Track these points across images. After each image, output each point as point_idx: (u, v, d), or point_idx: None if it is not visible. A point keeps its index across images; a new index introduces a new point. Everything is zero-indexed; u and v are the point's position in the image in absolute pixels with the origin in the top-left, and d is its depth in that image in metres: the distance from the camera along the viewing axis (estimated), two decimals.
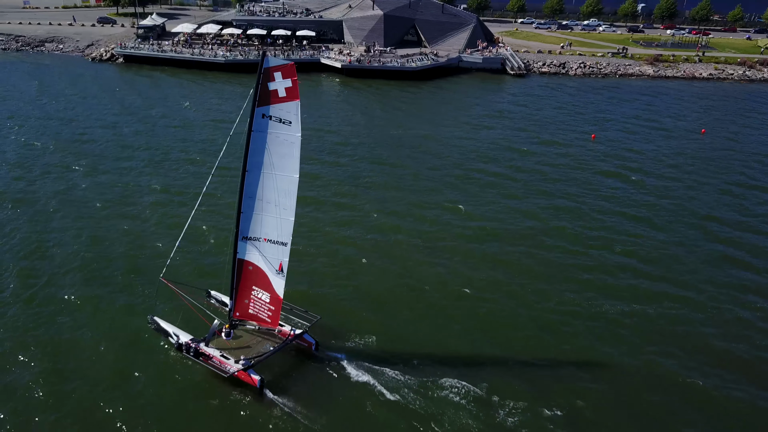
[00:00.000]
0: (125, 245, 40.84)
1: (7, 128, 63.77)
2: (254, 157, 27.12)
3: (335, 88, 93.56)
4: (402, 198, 50.32)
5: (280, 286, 28.66)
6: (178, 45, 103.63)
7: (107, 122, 67.74)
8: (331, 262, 39.76)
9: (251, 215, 28.16)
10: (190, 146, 60.75)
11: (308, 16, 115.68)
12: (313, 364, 30.34)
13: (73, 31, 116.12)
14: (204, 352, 29.29)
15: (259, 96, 26.15)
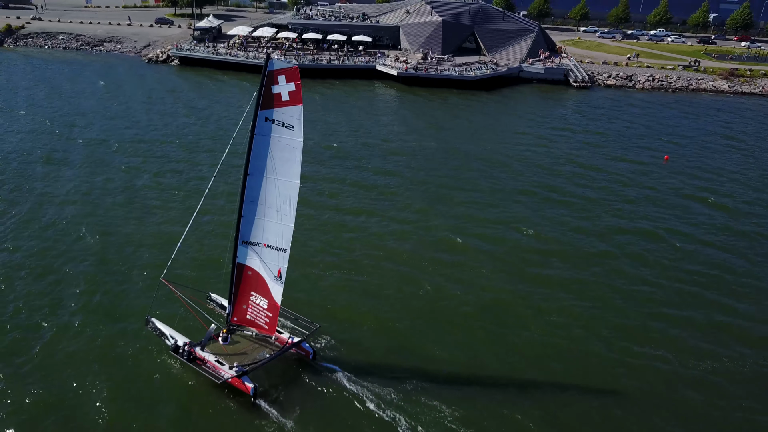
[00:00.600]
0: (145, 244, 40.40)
1: (70, 126, 63.16)
2: (256, 161, 26.78)
3: (390, 97, 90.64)
4: (462, 213, 46.87)
5: (279, 293, 28.23)
6: (233, 48, 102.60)
7: (155, 124, 66.51)
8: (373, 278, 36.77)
9: (252, 220, 27.84)
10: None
11: (365, 21, 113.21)
12: (310, 375, 29.58)
13: (131, 31, 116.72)
14: (199, 356, 28.85)
15: (263, 99, 25.76)
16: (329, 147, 62.25)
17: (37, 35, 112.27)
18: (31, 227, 42.10)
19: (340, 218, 45.84)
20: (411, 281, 37.93)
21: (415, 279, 38.21)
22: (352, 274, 38.28)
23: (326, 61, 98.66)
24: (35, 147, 57.37)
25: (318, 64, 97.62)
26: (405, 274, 38.73)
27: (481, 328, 33.89)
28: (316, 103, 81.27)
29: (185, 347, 28.97)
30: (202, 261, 38.51)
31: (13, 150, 56.36)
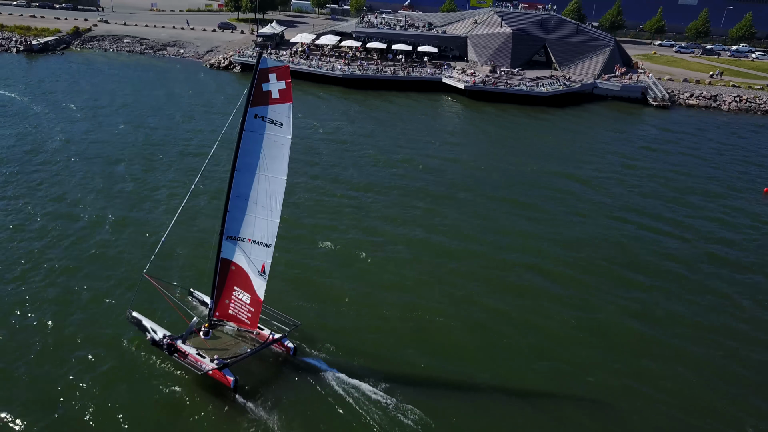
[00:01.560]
0: None
1: (130, 133, 61.49)
2: (244, 158, 27.14)
3: (457, 111, 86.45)
4: (538, 249, 42.31)
5: (262, 288, 28.64)
6: (295, 55, 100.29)
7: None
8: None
9: (237, 215, 28.14)
10: (307, 164, 55.60)
11: (431, 30, 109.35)
12: (290, 370, 29.97)
13: (194, 35, 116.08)
14: (180, 349, 28.93)
15: (253, 96, 26.20)
16: (390, 162, 58.51)
17: (103, 38, 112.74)
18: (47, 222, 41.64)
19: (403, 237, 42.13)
20: None
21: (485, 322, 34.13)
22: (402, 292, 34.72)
23: (391, 71, 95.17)
24: (103, 150, 55.74)
25: (382, 75, 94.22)
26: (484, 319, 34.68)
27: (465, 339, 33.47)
28: (380, 114, 77.79)
29: (165, 340, 28.98)
30: (187, 256, 38.87)
31: (85, 153, 54.81)
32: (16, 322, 31.95)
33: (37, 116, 67.24)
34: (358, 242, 42.83)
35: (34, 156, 54.74)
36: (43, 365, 29.02)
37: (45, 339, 30.72)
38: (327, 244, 42.13)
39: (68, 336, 31.02)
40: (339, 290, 36.86)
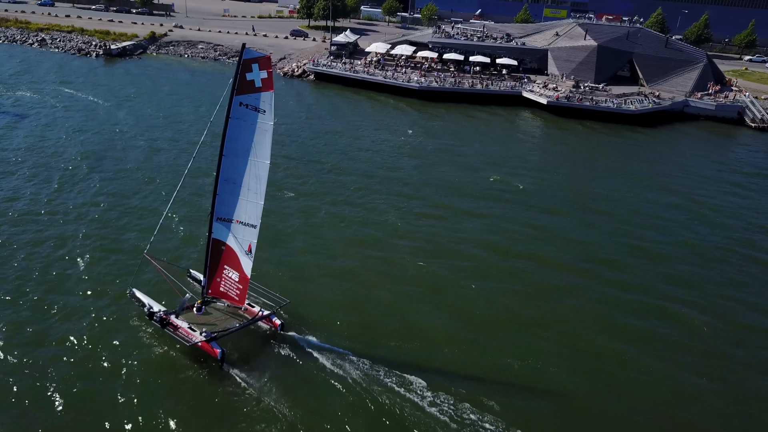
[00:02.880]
0: None
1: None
2: (230, 143, 28.88)
3: (538, 128, 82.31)
4: (646, 287, 38.10)
5: (249, 267, 30.47)
6: (370, 65, 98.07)
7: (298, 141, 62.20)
8: None
9: (225, 198, 29.90)
10: (378, 179, 52.78)
11: (509, 42, 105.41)
12: (277, 345, 31.78)
13: (267, 42, 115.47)
14: (173, 322, 31.00)
15: (238, 85, 27.93)
16: (465, 183, 55.06)
17: (178, 43, 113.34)
18: None
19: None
20: None
21: None
22: None
23: (469, 84, 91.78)
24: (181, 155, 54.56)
25: (460, 87, 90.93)
26: None
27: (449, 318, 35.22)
28: (461, 129, 74.43)
29: (159, 314, 31.27)
30: (184, 237, 41.55)
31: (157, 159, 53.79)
32: (23, 295, 34.36)
33: (119, 122, 66.81)
34: (473, 287, 39.66)
35: (117, 164, 53.83)
36: (44, 337, 31.24)
37: (53, 315, 32.86)
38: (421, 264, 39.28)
39: (74, 310, 33.35)
40: (329, 275, 38.77)
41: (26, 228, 41.71)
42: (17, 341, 30.74)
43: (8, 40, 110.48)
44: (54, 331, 31.56)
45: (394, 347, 32.50)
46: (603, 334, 35.05)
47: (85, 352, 30.34)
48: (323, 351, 31.31)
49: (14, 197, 46.31)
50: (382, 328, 33.93)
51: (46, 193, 47.28)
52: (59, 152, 56.49)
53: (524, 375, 31.38)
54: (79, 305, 33.69)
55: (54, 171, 51.91)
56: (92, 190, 48.43)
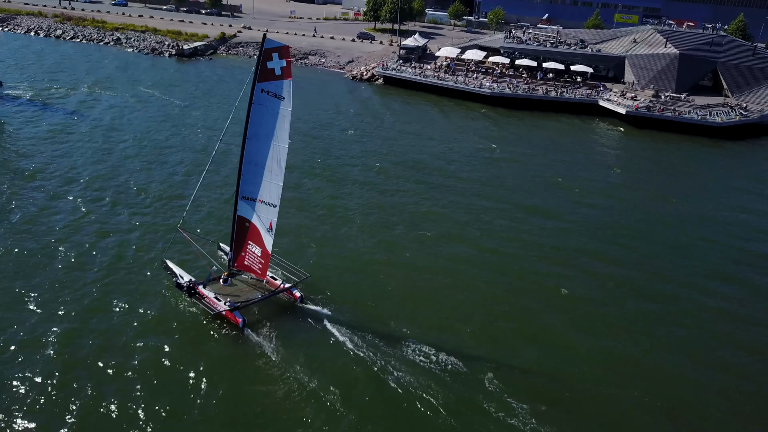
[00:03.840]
0: None
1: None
2: (253, 128, 30.79)
3: (615, 139, 79.01)
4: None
5: (269, 243, 32.50)
6: (440, 70, 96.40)
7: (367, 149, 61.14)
8: None
9: (249, 178, 31.90)
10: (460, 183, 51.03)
11: (584, 48, 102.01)
12: (296, 316, 33.94)
13: (335, 45, 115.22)
14: (200, 292, 33.35)
15: (260, 73, 29.80)
16: (542, 195, 52.69)
17: (246, 44, 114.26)
18: None
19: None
20: None
21: None
22: None
23: (542, 91, 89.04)
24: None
25: (533, 94, 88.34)
26: None
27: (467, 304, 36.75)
28: (536, 137, 72.05)
29: (188, 283, 33.36)
30: (216, 213, 45.22)
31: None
32: (63, 264, 37.29)
33: (194, 123, 67.21)
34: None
35: (195, 167, 53.98)
36: (82, 300, 33.95)
37: (92, 280, 35.81)
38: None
39: (112, 277, 36.30)
40: (353, 253, 41.33)
41: (91, 199, 46.72)
42: (63, 299, 33.94)
43: (86, 39, 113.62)
44: (93, 294, 34.56)
45: (406, 321, 34.23)
46: None
47: (120, 314, 33.03)
48: (338, 322, 33.22)
49: (80, 177, 50.68)
50: (395, 304, 35.92)
51: (106, 176, 51.55)
52: (128, 145, 57.17)
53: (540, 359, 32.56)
54: (117, 273, 36.66)
55: (118, 158, 55.95)
56: (148, 174, 52.43)
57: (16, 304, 33.21)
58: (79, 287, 35.05)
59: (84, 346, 30.59)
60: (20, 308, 32.95)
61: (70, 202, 45.76)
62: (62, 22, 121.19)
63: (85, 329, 31.66)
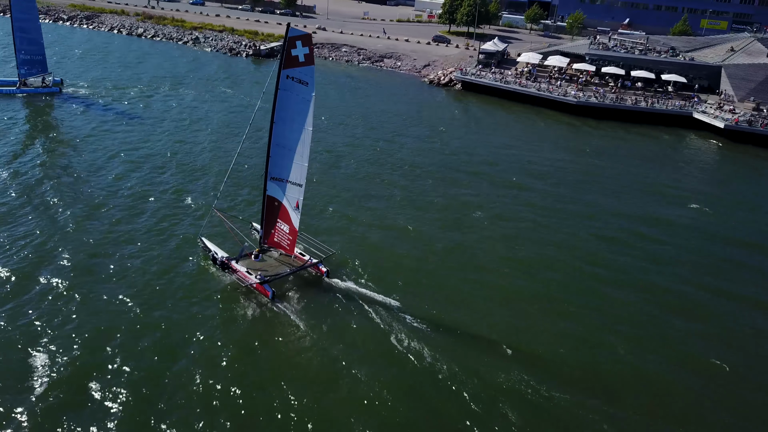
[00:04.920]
0: None
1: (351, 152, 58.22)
2: (280, 112, 32.68)
3: (712, 155, 73.94)
4: None
5: (297, 220, 34.66)
6: (521, 76, 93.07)
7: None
8: None
9: (277, 160, 33.95)
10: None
11: (675, 56, 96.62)
12: (322, 290, 35.63)
13: (410, 48, 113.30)
14: (232, 266, 35.67)
15: (285, 60, 31.53)
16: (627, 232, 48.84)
17: (322, 45, 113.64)
18: None
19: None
20: None
21: None
22: None
23: (631, 101, 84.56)
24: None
25: (621, 104, 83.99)
26: None
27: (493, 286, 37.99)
28: (629, 151, 68.03)
29: (222, 259, 35.98)
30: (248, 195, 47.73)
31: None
32: (113, 241, 39.51)
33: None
34: None
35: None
36: (122, 276, 35.75)
37: (134, 255, 37.97)
38: None
39: (152, 253, 38.30)
40: (375, 230, 43.54)
41: (147, 179, 49.95)
42: (114, 269, 36.41)
43: (165, 38, 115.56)
44: (133, 268, 36.48)
45: (429, 298, 35.57)
46: None
47: (160, 287, 34.89)
48: (363, 297, 34.81)
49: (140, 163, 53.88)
50: (418, 282, 37.36)
51: (163, 162, 54.53)
52: (198, 142, 56.67)
53: None
54: (157, 250, 38.70)
55: (186, 147, 58.62)
56: (196, 163, 54.54)
57: (76, 271, 35.87)
58: (126, 260, 37.35)
59: (130, 311, 32.71)
60: (73, 275, 35.46)
61: (130, 183, 48.66)
62: (143, 21, 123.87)
63: (130, 298, 33.72)
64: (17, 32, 69.55)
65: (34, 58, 71.40)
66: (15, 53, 70.57)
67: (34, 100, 69.80)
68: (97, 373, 28.14)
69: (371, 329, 32.28)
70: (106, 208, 43.92)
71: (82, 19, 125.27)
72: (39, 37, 71.07)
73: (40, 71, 72.21)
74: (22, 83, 71.61)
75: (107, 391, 27.14)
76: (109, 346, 29.87)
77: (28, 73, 71.51)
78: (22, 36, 69.96)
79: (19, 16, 69.45)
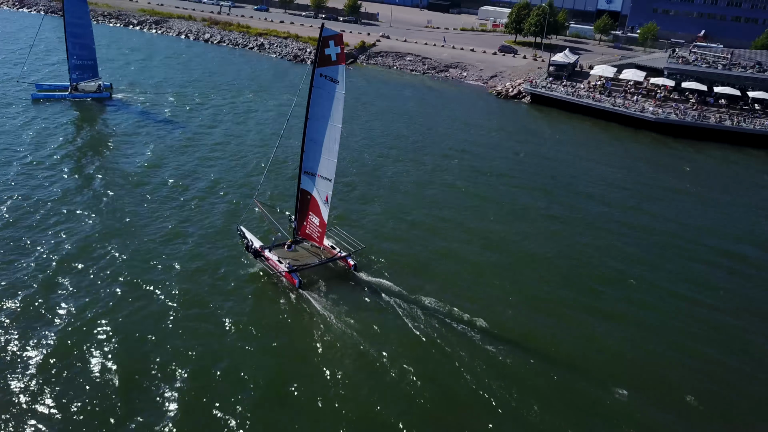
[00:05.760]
0: None
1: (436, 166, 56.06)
2: (313, 109, 35.18)
3: None
4: None
5: (326, 213, 37.09)
6: (594, 90, 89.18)
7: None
8: None
9: (310, 155, 36.44)
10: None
11: (762, 72, 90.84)
12: (349, 281, 38.02)
13: (476, 58, 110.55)
14: (265, 255, 38.05)
15: (318, 59, 33.98)
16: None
17: (386, 54, 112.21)
18: None
19: None
20: None
21: None
22: None
23: (715, 119, 79.70)
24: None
25: (704, 122, 79.22)
26: None
27: None
28: (720, 174, 63.69)
29: (256, 247, 37.87)
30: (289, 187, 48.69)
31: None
32: (150, 230, 42.83)
33: (356, 143, 64.99)
34: None
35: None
36: (158, 258, 39.27)
37: (180, 241, 41.52)
38: None
39: (194, 239, 41.82)
40: (403, 228, 45.59)
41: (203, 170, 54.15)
42: (156, 253, 39.88)
43: (231, 44, 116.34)
44: (177, 251, 40.22)
45: (451, 295, 36.86)
46: None
47: (197, 271, 38.07)
48: (388, 291, 36.55)
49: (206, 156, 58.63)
50: (442, 278, 38.93)
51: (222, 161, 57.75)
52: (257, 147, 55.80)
53: None
54: (198, 237, 42.11)
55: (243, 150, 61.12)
56: (244, 167, 56.78)
57: (125, 253, 39.73)
58: (172, 245, 41.00)
59: (170, 294, 36.02)
60: (122, 257, 39.29)
61: (177, 174, 52.83)
62: (210, 26, 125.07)
63: (172, 280, 37.07)
64: (70, 37, 70.34)
65: (85, 63, 72.21)
66: (67, 58, 71.37)
67: (84, 104, 71.00)
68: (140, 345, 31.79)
69: (393, 324, 33.94)
70: (154, 201, 47.43)
71: (152, 24, 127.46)
72: (91, 42, 71.84)
73: (92, 76, 72.99)
74: (74, 88, 72.54)
75: (163, 364, 30.44)
76: (152, 314, 33.98)
77: (79, 78, 72.43)
78: (75, 41, 70.78)
79: (73, 21, 70.23)
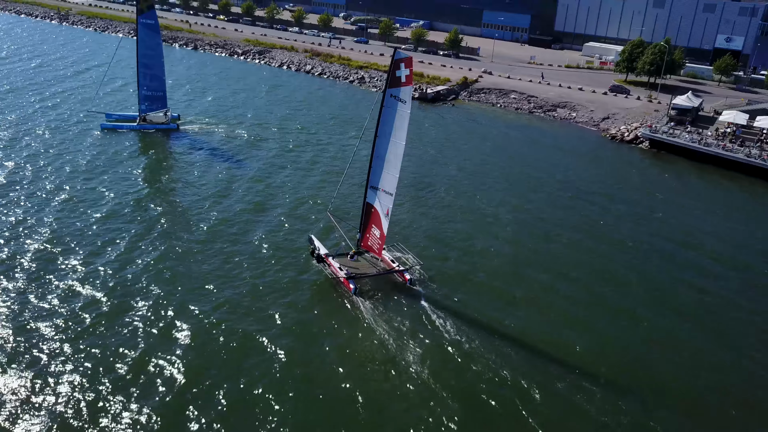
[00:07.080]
0: None
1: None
2: (382, 127, 37.79)
3: None
4: None
5: (386, 226, 39.63)
6: (724, 138, 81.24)
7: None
8: None
9: (376, 170, 39.04)
10: None
11: None
12: (402, 294, 39.97)
13: (586, 98, 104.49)
14: (328, 261, 41.52)
15: (390, 80, 36.73)
16: None
17: (489, 91, 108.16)
18: None
19: None
20: None
21: None
22: None
23: None
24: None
25: None
26: None
27: None
28: None
29: (321, 254, 41.63)
30: None
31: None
32: (221, 233, 47.74)
33: (462, 185, 61.20)
34: None
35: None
36: (229, 261, 43.43)
37: (257, 245, 45.70)
38: None
39: (269, 244, 45.80)
40: (466, 249, 47.16)
41: None
42: (233, 254, 44.31)
43: (332, 76, 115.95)
44: (259, 254, 44.52)
45: (504, 318, 38.10)
46: None
47: (267, 270, 42.05)
48: (441, 308, 38.22)
49: None
50: (499, 302, 40.00)
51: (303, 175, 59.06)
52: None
53: None
54: (271, 243, 45.87)
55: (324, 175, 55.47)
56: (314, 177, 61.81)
57: (199, 258, 43.79)
58: (247, 250, 45.20)
59: (242, 291, 39.85)
60: (198, 262, 43.34)
61: (255, 190, 57.35)
62: (311, 58, 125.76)
63: (245, 279, 41.08)
64: (141, 68, 70.74)
65: (155, 95, 72.37)
66: (137, 88, 71.76)
67: (153, 135, 71.23)
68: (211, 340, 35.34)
69: (441, 341, 35.47)
70: (235, 210, 52.08)
71: (255, 54, 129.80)
72: (161, 73, 71.93)
73: (160, 107, 73.00)
74: (142, 119, 72.74)
75: None
76: (224, 306, 38.03)
77: (148, 108, 72.69)
78: (146, 72, 71.06)
79: (145, 52, 70.47)
